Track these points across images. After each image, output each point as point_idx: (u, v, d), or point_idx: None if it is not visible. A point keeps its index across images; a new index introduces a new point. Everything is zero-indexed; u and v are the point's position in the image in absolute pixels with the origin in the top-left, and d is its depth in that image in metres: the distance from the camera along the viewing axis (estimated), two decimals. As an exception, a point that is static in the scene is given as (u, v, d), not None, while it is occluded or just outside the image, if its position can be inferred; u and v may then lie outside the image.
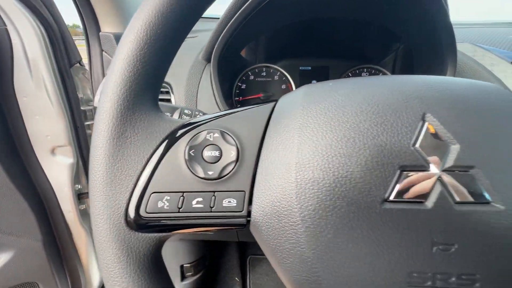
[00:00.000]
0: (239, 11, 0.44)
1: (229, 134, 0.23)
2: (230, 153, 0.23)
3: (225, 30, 0.46)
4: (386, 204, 0.18)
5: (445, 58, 0.47)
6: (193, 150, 0.22)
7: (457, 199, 0.18)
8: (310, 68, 0.67)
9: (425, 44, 0.51)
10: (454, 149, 0.19)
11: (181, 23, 0.23)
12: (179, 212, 0.21)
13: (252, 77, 0.67)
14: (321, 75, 0.67)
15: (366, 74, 0.66)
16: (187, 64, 0.57)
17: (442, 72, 0.49)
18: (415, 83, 0.22)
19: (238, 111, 0.26)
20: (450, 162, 0.18)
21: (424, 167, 0.19)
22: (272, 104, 0.25)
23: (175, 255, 0.92)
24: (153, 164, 0.22)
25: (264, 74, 0.67)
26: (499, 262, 0.18)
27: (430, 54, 0.51)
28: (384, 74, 0.65)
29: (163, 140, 0.23)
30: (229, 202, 0.22)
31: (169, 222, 0.22)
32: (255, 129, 0.24)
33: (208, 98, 0.53)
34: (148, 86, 0.23)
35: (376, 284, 0.18)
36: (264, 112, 0.25)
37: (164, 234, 0.22)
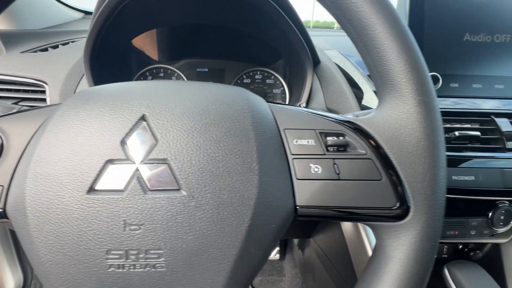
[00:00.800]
0: (98, 13, 0.45)
1: None
2: None
3: (90, 31, 0.47)
4: (91, 193, 0.21)
5: (304, 64, 0.52)
6: None
7: (150, 187, 0.21)
8: (207, 70, 0.69)
9: (290, 51, 0.56)
10: (155, 145, 0.22)
11: None
12: None
13: (150, 78, 0.68)
14: (218, 77, 0.70)
15: (260, 77, 0.70)
16: (71, 64, 0.57)
17: (303, 77, 0.53)
18: (146, 88, 0.25)
19: (24, 111, 0.27)
20: (149, 156, 0.21)
21: (128, 161, 0.21)
22: (58, 105, 0.27)
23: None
24: None
25: (162, 75, 0.68)
26: (180, 238, 0.21)
27: (296, 60, 0.55)
28: (275, 77, 0.69)
29: None
30: None
31: None
32: (28, 128, 0.25)
33: None
34: None
35: (83, 261, 0.21)
36: (45, 113, 0.26)
37: None
